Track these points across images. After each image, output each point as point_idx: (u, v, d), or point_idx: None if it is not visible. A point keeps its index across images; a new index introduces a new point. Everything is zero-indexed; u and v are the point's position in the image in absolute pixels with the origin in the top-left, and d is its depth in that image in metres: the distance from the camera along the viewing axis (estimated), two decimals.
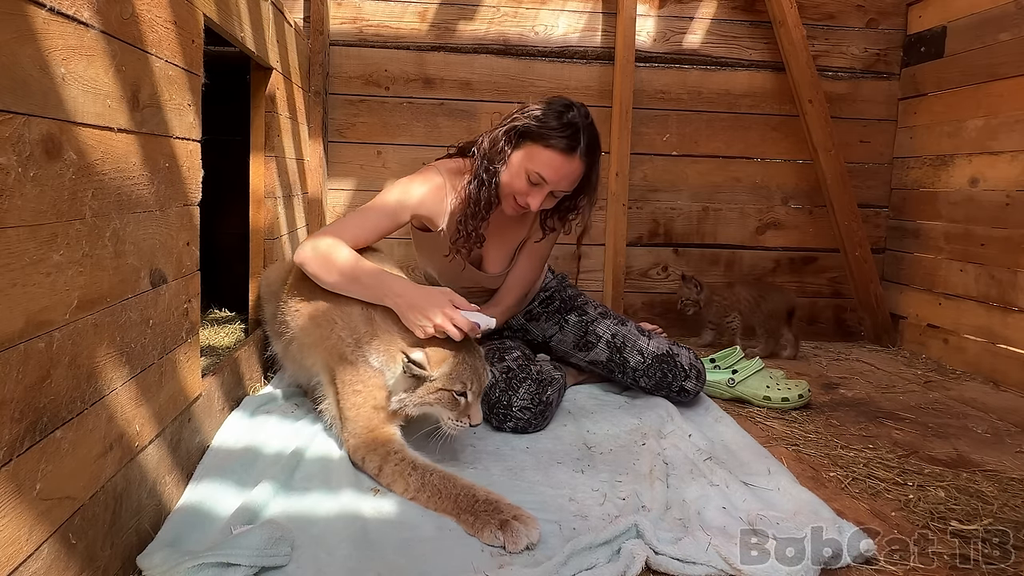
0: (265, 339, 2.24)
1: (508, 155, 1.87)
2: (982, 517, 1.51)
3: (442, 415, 1.63)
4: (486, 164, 1.89)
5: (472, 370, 1.62)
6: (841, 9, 3.29)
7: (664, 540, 1.33)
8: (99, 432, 1.08)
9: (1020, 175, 2.63)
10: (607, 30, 3.21)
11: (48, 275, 0.93)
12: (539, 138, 1.83)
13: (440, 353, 1.62)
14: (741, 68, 3.28)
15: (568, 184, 1.88)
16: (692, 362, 2.19)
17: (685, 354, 2.20)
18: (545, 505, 1.51)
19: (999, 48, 2.72)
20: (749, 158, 3.33)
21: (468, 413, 1.63)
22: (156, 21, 1.27)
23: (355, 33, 3.11)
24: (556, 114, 1.84)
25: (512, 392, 1.94)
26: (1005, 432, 2.11)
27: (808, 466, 1.80)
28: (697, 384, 2.17)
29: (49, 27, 0.92)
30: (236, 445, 1.66)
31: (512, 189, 1.88)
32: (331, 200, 3.16)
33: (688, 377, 2.16)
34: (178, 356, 1.42)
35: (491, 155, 1.89)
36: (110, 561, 1.12)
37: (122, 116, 1.14)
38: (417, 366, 1.58)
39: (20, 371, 0.87)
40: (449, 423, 1.63)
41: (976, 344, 2.80)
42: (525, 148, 1.86)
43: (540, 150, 1.83)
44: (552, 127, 1.82)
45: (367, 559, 1.27)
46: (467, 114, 3.18)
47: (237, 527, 1.29)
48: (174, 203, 1.38)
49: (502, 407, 1.94)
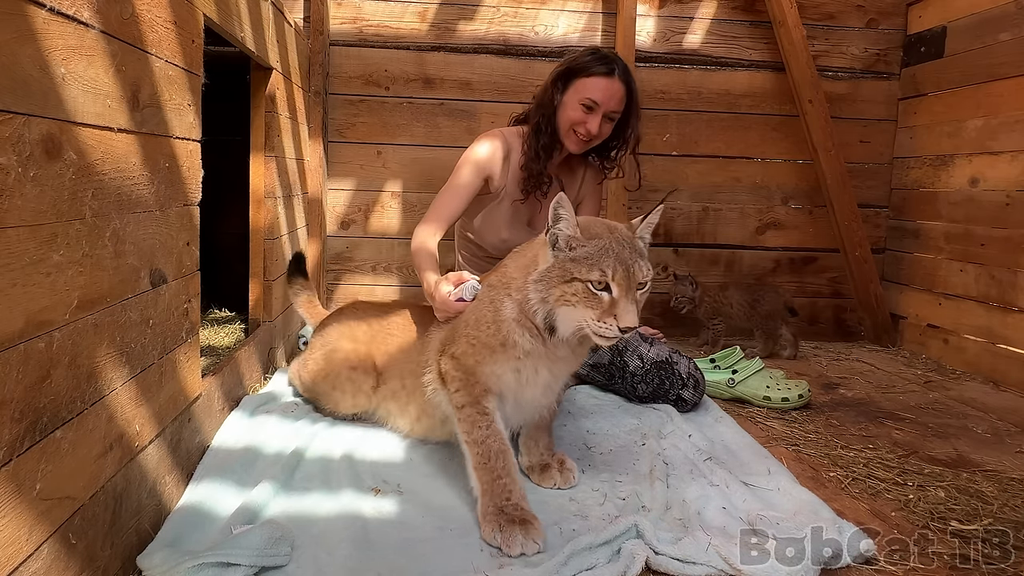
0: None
1: (560, 97, 2.14)
2: (982, 517, 1.51)
3: (585, 319, 1.41)
4: (541, 112, 2.16)
5: (617, 258, 1.40)
6: (841, 9, 3.29)
7: (664, 540, 1.33)
8: (99, 432, 1.08)
9: (1020, 175, 2.63)
10: (607, 30, 3.21)
11: (48, 275, 0.93)
12: (582, 71, 2.11)
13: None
14: (741, 68, 3.28)
15: (617, 103, 2.11)
16: (691, 371, 2.18)
17: (684, 363, 2.20)
18: (545, 505, 1.51)
19: (999, 48, 2.72)
20: (749, 158, 3.33)
21: (614, 312, 1.38)
22: (156, 21, 1.27)
23: (355, 33, 3.11)
24: (589, 52, 2.14)
25: None
26: (1005, 432, 2.11)
27: (808, 466, 1.80)
28: (695, 394, 2.17)
29: (49, 27, 0.92)
30: (236, 445, 1.66)
31: (572, 122, 2.12)
32: (331, 200, 3.16)
33: (685, 386, 2.16)
34: (178, 356, 1.42)
35: (544, 102, 2.16)
36: (110, 561, 1.12)
37: (122, 116, 1.14)
38: (563, 225, 1.43)
39: (20, 371, 0.87)
40: (592, 325, 1.39)
41: (976, 344, 2.80)
42: (573, 85, 2.12)
43: (586, 80, 2.10)
44: (589, 60, 2.11)
45: (367, 559, 1.27)
46: (467, 114, 3.18)
47: (237, 527, 1.29)
48: (174, 203, 1.38)
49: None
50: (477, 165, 2.16)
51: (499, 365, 1.54)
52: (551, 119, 2.15)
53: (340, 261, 3.20)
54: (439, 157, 3.15)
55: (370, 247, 3.21)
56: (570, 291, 1.41)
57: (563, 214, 1.43)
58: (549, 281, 1.44)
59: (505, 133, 2.26)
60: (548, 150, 2.16)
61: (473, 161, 2.16)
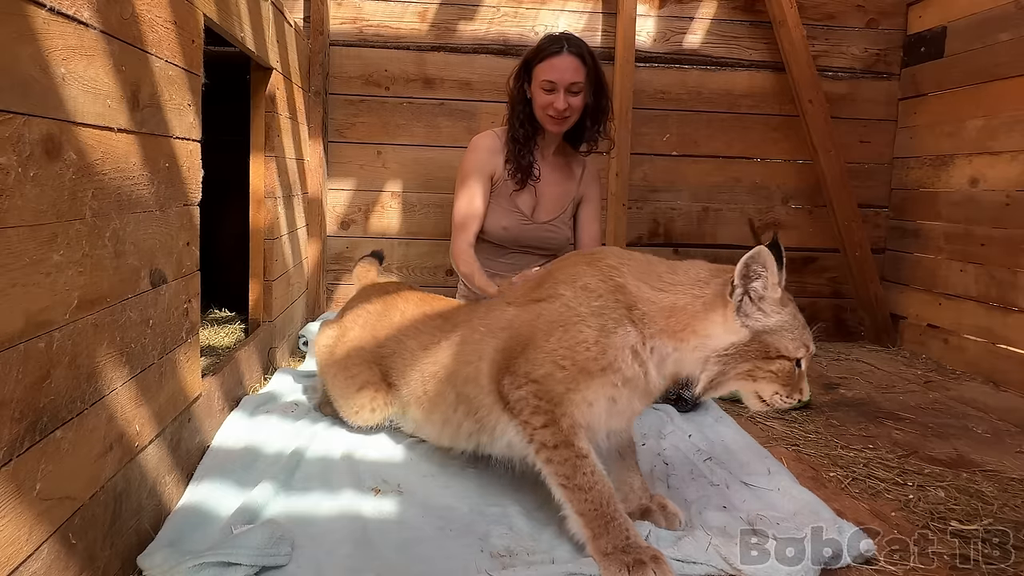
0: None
1: (528, 87, 2.29)
2: (982, 517, 1.51)
3: (769, 392, 1.30)
4: (512, 107, 2.33)
5: (804, 327, 1.29)
6: (841, 9, 3.29)
7: (665, 540, 1.33)
8: (99, 432, 1.08)
9: (1020, 175, 2.63)
10: (607, 30, 3.20)
11: (48, 275, 0.93)
12: (535, 58, 2.27)
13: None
14: (741, 68, 3.28)
15: (572, 75, 2.22)
16: None
17: None
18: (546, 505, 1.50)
19: (999, 48, 2.72)
20: (749, 158, 3.33)
21: (800, 386, 1.29)
22: (156, 21, 1.27)
23: (355, 33, 3.11)
24: (542, 39, 2.31)
25: None
26: (1005, 432, 2.11)
27: (808, 466, 1.80)
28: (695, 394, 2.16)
29: (49, 27, 0.92)
30: (236, 445, 1.66)
31: (542, 106, 2.26)
32: (331, 200, 3.16)
33: (686, 385, 2.16)
34: (178, 356, 1.42)
35: (514, 99, 2.32)
36: (110, 561, 1.12)
37: (122, 116, 1.14)
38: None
39: (20, 371, 0.87)
40: (777, 400, 1.29)
41: (976, 344, 2.80)
42: (534, 72, 2.27)
43: (541, 65, 2.25)
44: (540, 45, 2.28)
45: (367, 559, 1.27)
46: (467, 114, 3.18)
47: (238, 527, 1.29)
48: (174, 203, 1.37)
49: None
50: (481, 170, 2.32)
51: (594, 392, 1.32)
52: (526, 111, 2.30)
53: (340, 261, 3.20)
54: (439, 157, 3.15)
55: (370, 247, 3.19)
56: (768, 367, 1.25)
57: (761, 272, 1.25)
58: (743, 356, 1.26)
59: (497, 132, 2.41)
60: (528, 139, 2.32)
61: (477, 168, 2.32)
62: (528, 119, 2.31)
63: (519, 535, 1.38)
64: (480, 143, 2.39)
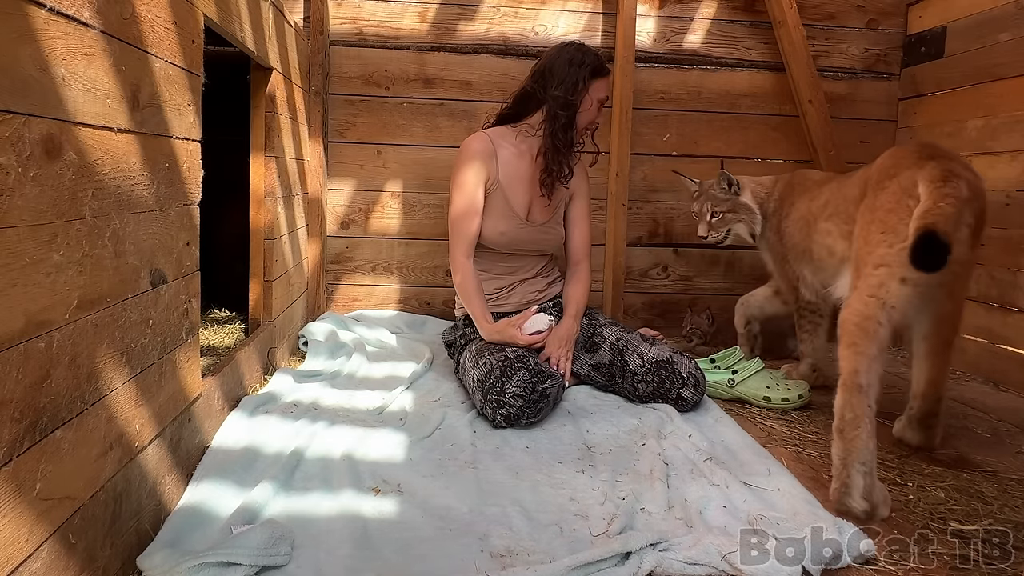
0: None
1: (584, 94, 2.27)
2: (982, 517, 1.51)
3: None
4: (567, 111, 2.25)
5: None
6: (841, 9, 3.29)
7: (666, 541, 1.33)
8: (99, 432, 1.08)
9: (1020, 175, 2.63)
10: (607, 30, 3.20)
11: (48, 275, 0.93)
12: (599, 72, 2.29)
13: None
14: (741, 68, 3.28)
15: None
16: (691, 371, 2.19)
17: (685, 363, 2.20)
18: (546, 505, 1.51)
19: (999, 48, 2.72)
20: (749, 158, 3.33)
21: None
22: (156, 21, 1.27)
23: (355, 33, 3.11)
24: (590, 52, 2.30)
25: (506, 379, 1.96)
26: (1005, 432, 2.11)
27: (808, 466, 1.80)
28: (695, 393, 2.17)
29: (49, 27, 0.92)
30: (236, 445, 1.66)
31: (589, 119, 2.32)
32: (331, 200, 3.16)
33: (686, 385, 2.16)
34: (178, 356, 1.42)
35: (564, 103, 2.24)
36: (110, 561, 1.12)
37: (122, 116, 1.14)
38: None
39: (20, 371, 0.87)
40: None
41: (976, 344, 2.80)
42: (592, 85, 2.28)
43: (601, 81, 2.30)
44: (597, 63, 2.29)
45: (367, 559, 1.27)
46: (467, 114, 3.18)
47: (237, 527, 1.29)
48: (174, 203, 1.38)
49: (495, 393, 1.96)
50: (477, 177, 2.30)
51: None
52: (571, 117, 2.27)
53: (340, 261, 3.20)
54: (439, 157, 3.15)
55: (370, 247, 3.21)
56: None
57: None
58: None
59: (489, 134, 2.37)
60: (570, 145, 2.30)
61: (474, 177, 2.29)
62: (570, 125, 2.28)
63: (519, 535, 1.38)
64: (474, 146, 2.33)
